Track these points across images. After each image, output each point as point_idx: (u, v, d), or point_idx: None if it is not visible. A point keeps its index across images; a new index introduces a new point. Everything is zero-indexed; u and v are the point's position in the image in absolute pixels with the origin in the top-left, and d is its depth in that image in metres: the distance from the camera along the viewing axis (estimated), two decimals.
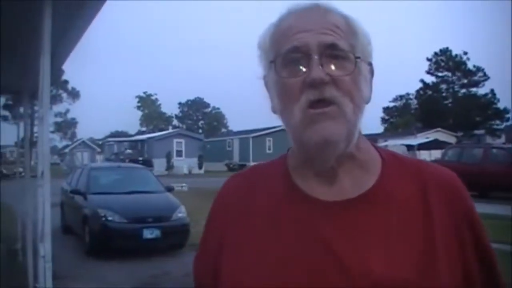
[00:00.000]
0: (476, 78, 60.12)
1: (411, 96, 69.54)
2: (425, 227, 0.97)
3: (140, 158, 37.44)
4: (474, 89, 60.20)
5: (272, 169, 1.11)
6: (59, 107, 68.81)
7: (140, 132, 71.62)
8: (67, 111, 72.03)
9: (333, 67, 0.96)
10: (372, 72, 1.06)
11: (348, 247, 0.95)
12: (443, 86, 62.39)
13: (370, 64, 1.05)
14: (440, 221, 0.98)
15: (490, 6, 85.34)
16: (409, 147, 38.79)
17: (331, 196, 1.00)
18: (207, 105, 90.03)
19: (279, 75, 1.00)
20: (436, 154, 33.23)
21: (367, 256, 0.94)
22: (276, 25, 1.05)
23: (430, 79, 62.74)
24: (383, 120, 72.25)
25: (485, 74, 59.63)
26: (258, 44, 1.07)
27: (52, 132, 63.95)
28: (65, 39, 4.38)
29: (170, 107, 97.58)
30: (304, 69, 0.97)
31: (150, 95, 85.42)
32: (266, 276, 0.97)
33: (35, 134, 8.08)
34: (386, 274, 0.91)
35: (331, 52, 0.97)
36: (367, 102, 1.04)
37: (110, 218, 9.43)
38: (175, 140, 44.56)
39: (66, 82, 65.04)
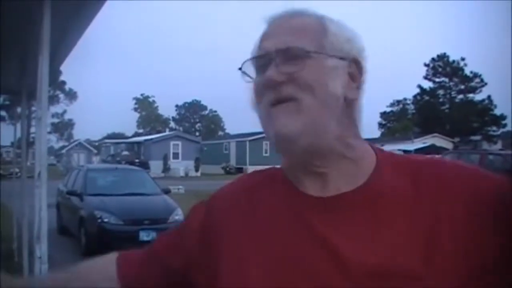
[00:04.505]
0: (473, 84, 60.33)
1: (408, 101, 69.72)
2: (415, 217, 0.95)
3: (137, 160, 37.37)
4: (471, 95, 60.43)
5: (274, 173, 1.14)
6: (56, 108, 69.05)
7: (137, 134, 71.67)
8: (64, 112, 72.28)
9: (290, 66, 0.98)
10: (357, 67, 1.04)
11: (341, 240, 0.96)
12: (441, 92, 62.59)
13: (353, 61, 1.03)
14: (433, 209, 0.95)
15: (488, 13, 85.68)
16: (406, 152, 38.91)
17: (325, 192, 1.02)
18: (204, 108, 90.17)
19: (252, 78, 1.06)
20: None
21: (359, 246, 0.95)
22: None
23: (427, 84, 63.05)
24: (380, 125, 72.44)
25: (482, 80, 59.86)
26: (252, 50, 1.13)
27: (49, 133, 63.91)
28: (64, 40, 4.40)
29: (167, 109, 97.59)
30: None
31: (148, 97, 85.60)
32: (264, 276, 0.98)
33: (32, 135, 8.08)
34: (376, 261, 0.92)
35: (290, 54, 0.99)
36: (348, 99, 1.01)
37: (106, 220, 9.43)
38: (172, 143, 44.53)
39: (63, 83, 65.16)
